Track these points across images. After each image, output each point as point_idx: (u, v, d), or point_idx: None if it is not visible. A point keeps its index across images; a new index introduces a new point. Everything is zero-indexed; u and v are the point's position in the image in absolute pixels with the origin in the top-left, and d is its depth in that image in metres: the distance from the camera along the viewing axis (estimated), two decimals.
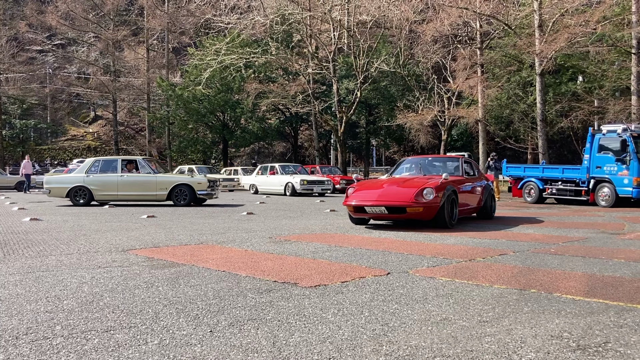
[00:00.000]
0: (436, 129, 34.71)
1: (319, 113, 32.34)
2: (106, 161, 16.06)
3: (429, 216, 8.85)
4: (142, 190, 15.15)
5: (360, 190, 9.46)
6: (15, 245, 6.67)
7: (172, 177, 16.10)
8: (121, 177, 15.18)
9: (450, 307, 3.69)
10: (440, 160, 11.88)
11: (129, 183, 15.17)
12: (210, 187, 15.32)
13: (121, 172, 15.26)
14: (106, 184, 15.23)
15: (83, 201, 15.15)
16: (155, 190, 15.01)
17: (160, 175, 15.38)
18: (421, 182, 9.22)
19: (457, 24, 28.19)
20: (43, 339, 2.90)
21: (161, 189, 14.97)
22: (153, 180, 15.09)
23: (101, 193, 15.26)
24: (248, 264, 5.35)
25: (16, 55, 46.84)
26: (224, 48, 30.87)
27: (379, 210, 8.89)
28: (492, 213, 11.21)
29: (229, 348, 2.78)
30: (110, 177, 15.21)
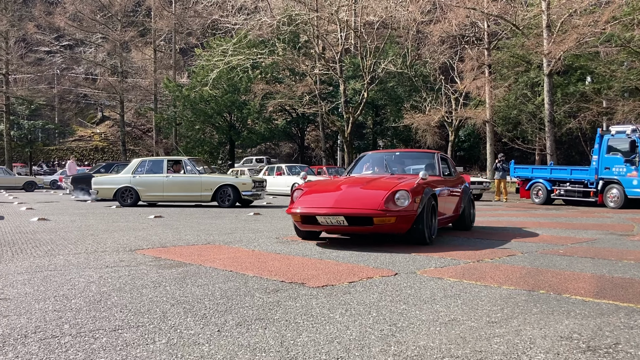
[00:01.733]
0: (443, 130, 34.65)
1: (326, 114, 32.34)
2: (153, 161, 15.83)
3: (404, 228, 6.67)
4: (187, 191, 14.83)
5: (311, 193, 7.23)
6: (23, 245, 6.70)
7: (217, 177, 15.52)
8: (167, 177, 14.94)
9: (459, 307, 3.67)
10: (410, 156, 9.74)
11: (175, 184, 14.89)
12: (255, 187, 14.94)
13: (167, 172, 15.02)
14: (152, 184, 15.01)
15: (130, 202, 14.99)
16: (200, 191, 14.69)
17: (205, 175, 15.04)
18: (391, 183, 7.05)
19: (464, 24, 28.15)
20: (51, 337, 2.90)
21: (206, 190, 14.63)
22: (198, 180, 14.76)
23: (147, 194, 15.07)
24: (255, 264, 5.35)
25: (24, 56, 47.13)
26: (231, 49, 30.93)
27: (335, 222, 6.60)
28: (471, 222, 9.27)
29: (237, 347, 2.77)
30: (156, 177, 15.00)
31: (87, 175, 18.99)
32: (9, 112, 44.17)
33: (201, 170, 15.42)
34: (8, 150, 43.44)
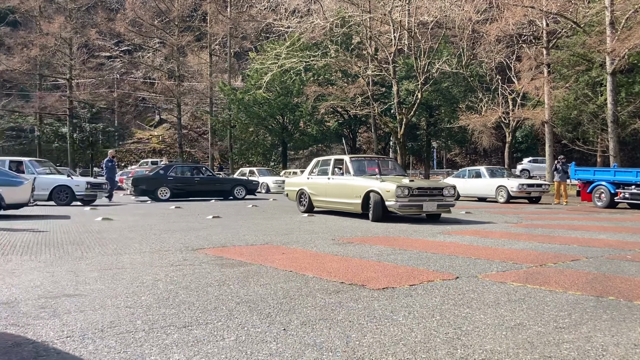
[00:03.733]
0: (500, 131, 33.92)
1: (378, 115, 32.18)
2: (324, 161, 13.46)
3: None
4: (343, 197, 11.87)
5: None
6: (91, 244, 6.99)
7: (365, 181, 11.41)
8: (329, 180, 12.39)
9: (524, 312, 3.61)
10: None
11: (335, 187, 12.15)
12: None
13: (331, 174, 12.43)
14: (317, 188, 12.78)
15: (303, 208, 13.12)
16: (352, 198, 11.50)
17: (356, 178, 11.67)
18: None
19: (522, 23, 27.43)
20: (126, 332, 3.03)
21: (356, 197, 11.33)
22: (350, 184, 11.77)
23: (315, 198, 12.87)
24: (314, 265, 5.40)
25: (86, 61, 48.96)
26: (284, 52, 31.22)
27: None
28: None
29: (303, 346, 2.82)
30: (321, 180, 12.67)
31: (146, 177, 19.58)
32: (72, 116, 46.05)
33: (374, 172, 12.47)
34: (71, 152, 45.29)
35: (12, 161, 15.81)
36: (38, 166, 16.00)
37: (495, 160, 44.67)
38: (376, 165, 12.57)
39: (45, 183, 15.34)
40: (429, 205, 10.67)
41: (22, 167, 15.54)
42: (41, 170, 15.86)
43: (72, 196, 15.54)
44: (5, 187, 10.92)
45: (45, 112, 47.83)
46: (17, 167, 15.45)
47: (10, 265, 5.24)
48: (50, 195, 15.40)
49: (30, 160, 16.07)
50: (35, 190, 15.17)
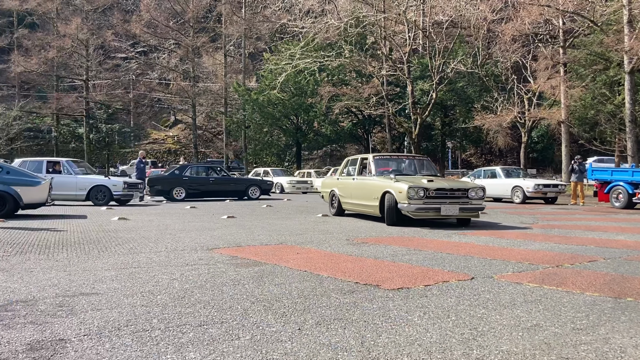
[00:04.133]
0: (515, 131, 33.68)
1: (393, 115, 32.13)
2: (353, 160, 12.71)
3: None
4: (364, 199, 11.02)
5: None
6: (107, 243, 7.05)
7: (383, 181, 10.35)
8: (353, 180, 11.70)
9: (541, 313, 3.57)
10: None
11: (358, 188, 11.40)
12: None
13: (356, 173, 11.72)
14: (344, 189, 12.11)
15: (334, 210, 12.56)
16: (370, 200, 10.66)
17: (376, 178, 10.76)
18: None
19: (538, 22, 27.20)
20: (142, 330, 3.05)
21: (374, 198, 10.46)
22: (369, 184, 10.88)
23: (343, 200, 12.11)
24: (328, 265, 5.40)
25: (103, 62, 49.44)
26: (299, 52, 31.26)
27: None
28: None
29: (319, 346, 2.82)
30: (347, 180, 12.10)
31: (162, 177, 19.71)
32: (88, 117, 46.50)
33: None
34: (87, 152, 45.74)
35: (49, 161, 15.93)
36: (75, 166, 16.03)
37: (511, 160, 44.35)
38: (402, 164, 11.48)
39: (83, 183, 15.42)
40: (448, 209, 9.43)
41: (58, 167, 15.65)
42: (78, 171, 15.91)
43: (110, 196, 15.52)
44: (23, 187, 11.06)
45: (62, 112, 48.37)
46: (54, 167, 15.59)
47: (28, 264, 5.30)
48: (88, 195, 15.44)
49: (67, 161, 16.12)
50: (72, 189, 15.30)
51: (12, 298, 3.85)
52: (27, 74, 47.55)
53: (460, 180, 10.67)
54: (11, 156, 44.25)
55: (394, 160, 11.90)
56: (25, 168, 15.51)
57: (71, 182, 15.42)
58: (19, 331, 3.02)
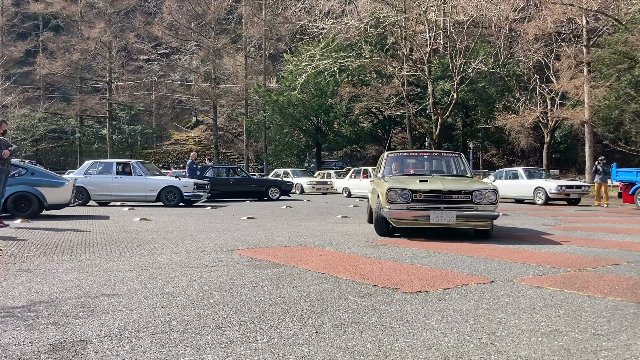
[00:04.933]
0: (538, 131, 33.33)
1: (413, 115, 31.99)
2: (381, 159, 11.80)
3: None
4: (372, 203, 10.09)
5: None
6: (128, 244, 7.14)
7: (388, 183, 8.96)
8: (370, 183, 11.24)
9: (561, 318, 3.53)
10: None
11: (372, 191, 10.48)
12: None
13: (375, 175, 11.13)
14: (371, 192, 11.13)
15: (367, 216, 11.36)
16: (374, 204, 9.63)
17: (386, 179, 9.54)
18: None
19: (561, 21, 26.87)
20: (161, 332, 3.09)
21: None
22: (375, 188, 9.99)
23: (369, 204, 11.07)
24: (347, 267, 5.40)
25: (125, 64, 50.08)
26: (319, 53, 31.29)
27: None
28: None
29: (335, 350, 2.82)
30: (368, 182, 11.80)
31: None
32: (111, 118, 47.11)
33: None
34: (110, 153, 46.34)
35: (119, 163, 16.16)
36: (144, 167, 16.18)
37: (533, 161, 43.86)
38: (422, 162, 9.93)
39: (154, 184, 15.56)
40: (441, 216, 7.54)
41: (128, 168, 15.86)
42: (148, 172, 16.04)
43: (180, 197, 15.56)
44: (47, 188, 11.25)
45: (85, 114, 49.09)
46: (123, 169, 15.84)
47: (52, 265, 5.40)
48: (158, 196, 15.55)
49: (137, 162, 16.29)
50: (143, 191, 15.40)
51: (35, 299, 3.93)
52: (52, 76, 48.36)
53: (468, 180, 8.48)
54: (36, 157, 45.10)
55: (413, 157, 10.28)
56: (95, 169, 15.83)
57: (142, 183, 15.55)
58: (42, 332, 3.08)
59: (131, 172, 15.76)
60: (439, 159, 10.02)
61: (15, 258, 5.81)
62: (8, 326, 3.19)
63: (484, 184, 8.36)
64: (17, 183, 10.96)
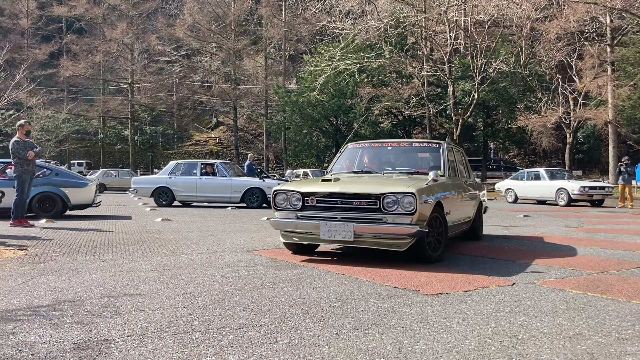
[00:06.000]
0: (560, 132, 32.92)
1: (434, 116, 31.80)
2: None
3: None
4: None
5: None
6: (151, 244, 7.22)
7: None
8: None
9: (584, 321, 3.49)
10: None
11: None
12: None
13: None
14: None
15: None
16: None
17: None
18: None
19: (584, 19, 26.50)
20: (184, 332, 3.12)
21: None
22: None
23: None
24: (367, 269, 5.39)
25: (147, 66, 50.59)
26: (338, 54, 31.28)
27: None
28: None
29: (356, 351, 2.83)
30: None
31: None
32: (133, 119, 47.66)
33: None
34: (132, 154, 46.90)
35: (203, 164, 16.33)
36: (229, 169, 16.23)
37: (556, 161, 43.34)
38: (384, 157, 7.49)
39: (238, 185, 15.60)
40: (334, 230, 5.51)
41: (211, 169, 16.02)
42: (232, 173, 16.09)
43: (263, 198, 15.43)
44: (71, 188, 11.43)
45: (108, 115, 49.74)
46: (206, 170, 16.00)
47: (76, 265, 5.48)
48: (243, 197, 15.56)
49: (221, 163, 16.38)
50: (227, 192, 15.47)
51: (60, 298, 4.00)
52: (75, 78, 49.10)
53: (410, 180, 6.05)
54: (60, 157, 45.81)
55: (375, 149, 7.66)
56: (179, 170, 16.02)
57: (226, 185, 15.60)
58: (67, 331, 3.13)
59: (215, 173, 15.82)
60: (408, 151, 7.47)
61: (40, 257, 5.92)
62: (34, 325, 3.25)
63: (403, 185, 5.56)
64: (41, 184, 11.16)
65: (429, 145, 7.51)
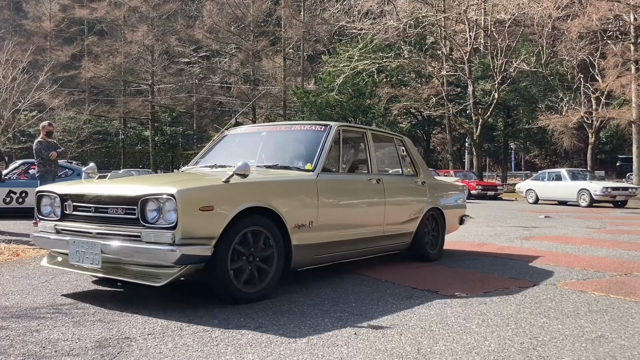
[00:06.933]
0: (582, 132, 32.50)
1: (453, 116, 31.61)
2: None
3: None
4: None
5: None
6: None
7: None
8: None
9: (606, 324, 3.44)
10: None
11: None
12: None
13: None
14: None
15: None
16: None
17: None
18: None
19: (607, 18, 26.11)
20: (203, 331, 3.15)
21: None
22: None
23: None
24: (385, 269, 5.39)
25: (167, 67, 50.98)
26: (357, 54, 31.27)
27: None
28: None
29: (374, 352, 2.82)
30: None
31: None
32: (153, 120, 48.12)
33: None
34: (153, 154, 47.35)
35: None
36: None
37: (577, 162, 42.77)
38: (254, 146, 5.55)
39: None
40: (82, 252, 3.81)
41: None
42: None
43: None
44: None
45: (129, 116, 50.27)
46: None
47: None
48: None
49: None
50: None
51: (82, 296, 4.05)
52: (96, 79, 49.65)
53: (174, 176, 5.42)
54: (82, 158, 46.42)
55: (247, 136, 5.84)
56: None
57: None
58: (89, 328, 3.18)
59: None
60: (283, 138, 5.49)
61: None
62: (57, 322, 3.30)
63: (165, 184, 3.88)
64: None
65: (312, 129, 5.16)
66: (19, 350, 2.78)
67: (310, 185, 4.44)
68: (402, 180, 5.95)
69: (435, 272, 5.24)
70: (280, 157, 5.17)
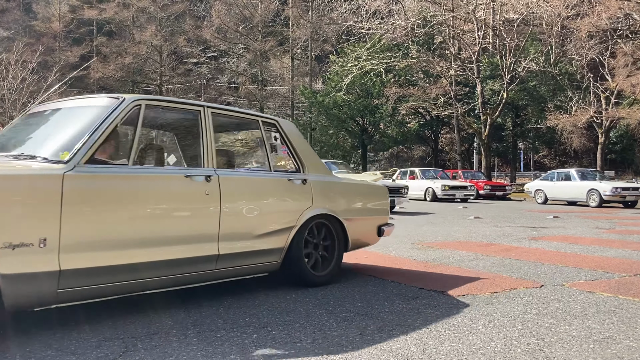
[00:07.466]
0: (592, 131, 32.28)
1: (462, 115, 31.50)
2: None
3: None
4: None
5: None
6: None
7: None
8: None
9: (614, 325, 3.41)
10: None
11: None
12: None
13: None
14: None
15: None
16: None
17: None
18: None
19: (616, 16, 25.92)
20: (208, 331, 3.15)
21: None
22: None
23: None
24: (392, 269, 5.37)
25: (175, 67, 51.17)
26: (365, 54, 31.24)
27: None
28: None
29: (380, 352, 2.81)
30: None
31: None
32: None
33: None
34: None
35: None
36: None
37: (587, 162, 42.48)
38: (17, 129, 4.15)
39: None
40: None
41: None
42: None
43: None
44: None
45: None
46: None
47: None
48: None
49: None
50: None
51: None
52: (105, 80, 49.89)
53: None
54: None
55: (26, 118, 4.15)
56: None
57: None
58: (94, 327, 3.18)
59: None
60: (47, 119, 3.99)
61: None
62: (63, 321, 3.31)
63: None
64: None
65: (93, 104, 3.77)
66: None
67: (49, 183, 2.97)
68: (263, 178, 4.37)
69: (442, 272, 5.22)
70: (36, 142, 3.72)
